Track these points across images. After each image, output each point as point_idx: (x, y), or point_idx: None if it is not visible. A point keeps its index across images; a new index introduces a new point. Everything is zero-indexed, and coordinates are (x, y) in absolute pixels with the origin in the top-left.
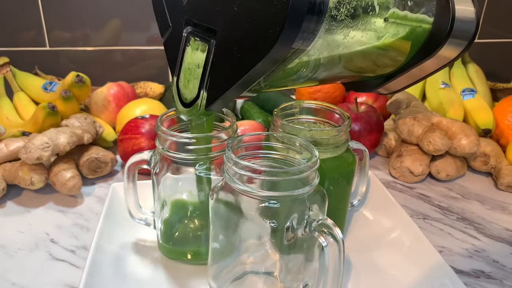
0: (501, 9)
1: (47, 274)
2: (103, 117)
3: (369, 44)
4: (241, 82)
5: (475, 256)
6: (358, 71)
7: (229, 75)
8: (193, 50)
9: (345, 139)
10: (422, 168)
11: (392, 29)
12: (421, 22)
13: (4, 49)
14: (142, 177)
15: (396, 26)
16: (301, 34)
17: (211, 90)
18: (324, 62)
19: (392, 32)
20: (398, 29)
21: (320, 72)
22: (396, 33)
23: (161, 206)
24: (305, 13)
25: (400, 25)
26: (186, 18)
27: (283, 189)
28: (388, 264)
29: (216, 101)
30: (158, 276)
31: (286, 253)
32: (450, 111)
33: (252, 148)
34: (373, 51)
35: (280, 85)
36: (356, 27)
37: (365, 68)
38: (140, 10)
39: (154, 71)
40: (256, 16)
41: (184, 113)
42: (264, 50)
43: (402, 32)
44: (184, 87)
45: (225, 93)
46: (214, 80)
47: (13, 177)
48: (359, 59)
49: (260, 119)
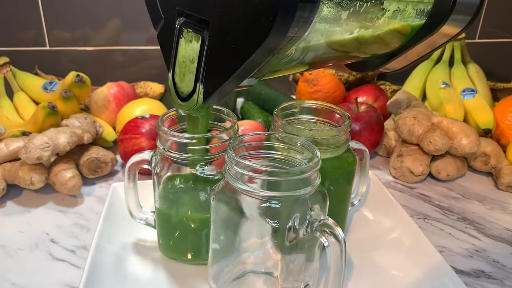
0: (501, 9)
1: (47, 274)
2: (103, 117)
3: (369, 24)
4: (237, 74)
5: (475, 256)
6: (359, 52)
7: (224, 67)
8: (187, 42)
9: (346, 139)
10: (422, 168)
11: (392, 6)
12: None
13: (4, 49)
14: (142, 177)
15: (397, 3)
16: (296, 22)
17: (207, 83)
18: (322, 46)
19: (392, 9)
20: (398, 5)
21: (319, 56)
22: (397, 10)
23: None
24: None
25: (400, 2)
26: (177, 9)
27: (284, 189)
28: (389, 264)
29: (213, 94)
30: (158, 276)
31: (287, 253)
32: (450, 111)
33: (253, 148)
34: (374, 33)
35: (277, 70)
36: (354, 8)
37: (366, 49)
38: (140, 10)
39: (154, 71)
40: (248, 5)
41: (182, 107)
42: (258, 40)
43: (402, 8)
44: (180, 80)
45: (222, 86)
46: (209, 73)
47: (13, 177)
48: (360, 41)
49: (261, 119)
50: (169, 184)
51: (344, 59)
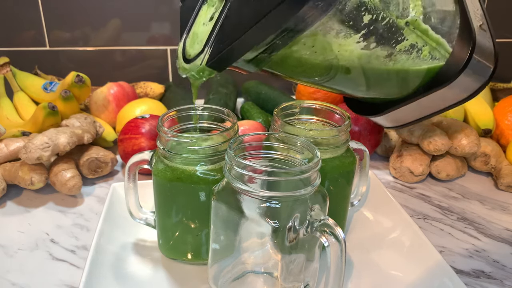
0: (501, 9)
1: (47, 274)
2: (103, 117)
3: (384, 48)
4: (249, 35)
5: (475, 256)
6: (367, 81)
7: (239, 26)
8: (209, 7)
9: (345, 139)
10: (422, 168)
11: (411, 37)
12: (439, 46)
13: (4, 49)
14: (142, 177)
15: (416, 37)
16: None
17: (217, 44)
18: (329, 55)
19: (410, 41)
20: (416, 40)
21: (326, 73)
22: (414, 45)
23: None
24: None
25: (419, 37)
26: None
27: (284, 189)
28: (388, 264)
29: (220, 54)
30: (158, 276)
31: (287, 253)
32: (450, 111)
33: (253, 148)
34: (387, 60)
35: (281, 70)
36: (376, 15)
37: (375, 80)
38: (140, 10)
39: (154, 71)
40: None
41: (184, 69)
42: None
43: (420, 46)
44: (190, 45)
45: (230, 46)
46: (222, 34)
47: (13, 177)
48: (371, 66)
49: (260, 119)
50: (169, 184)
51: (348, 84)
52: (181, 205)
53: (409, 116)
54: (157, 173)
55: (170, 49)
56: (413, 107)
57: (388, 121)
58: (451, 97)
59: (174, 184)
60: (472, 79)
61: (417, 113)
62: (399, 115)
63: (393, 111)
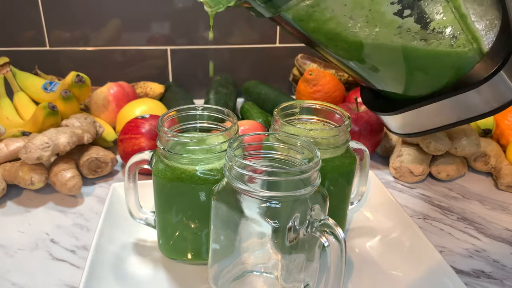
0: None
1: (47, 274)
2: (103, 117)
3: (419, 18)
4: None
5: (475, 256)
6: (392, 60)
7: None
8: None
9: (345, 139)
10: (422, 168)
11: (448, 18)
12: (475, 41)
13: (4, 49)
14: (142, 177)
15: (453, 19)
16: None
17: None
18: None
19: (446, 22)
20: (453, 24)
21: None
22: (449, 28)
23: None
24: None
25: (456, 21)
26: None
27: (284, 189)
28: (388, 264)
29: None
30: (158, 276)
31: (287, 253)
32: None
33: (253, 148)
34: (417, 38)
35: (302, 25)
36: None
37: (400, 60)
38: (140, 10)
39: (154, 71)
40: None
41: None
42: None
43: (455, 32)
44: None
45: None
46: None
47: (13, 177)
48: (399, 41)
49: (260, 119)
50: (169, 184)
51: (371, 66)
52: (181, 205)
53: (426, 122)
54: (157, 173)
55: (170, 49)
56: (433, 110)
57: (402, 123)
58: (478, 105)
59: (174, 184)
60: (506, 87)
61: (437, 119)
62: (416, 117)
63: (411, 110)
